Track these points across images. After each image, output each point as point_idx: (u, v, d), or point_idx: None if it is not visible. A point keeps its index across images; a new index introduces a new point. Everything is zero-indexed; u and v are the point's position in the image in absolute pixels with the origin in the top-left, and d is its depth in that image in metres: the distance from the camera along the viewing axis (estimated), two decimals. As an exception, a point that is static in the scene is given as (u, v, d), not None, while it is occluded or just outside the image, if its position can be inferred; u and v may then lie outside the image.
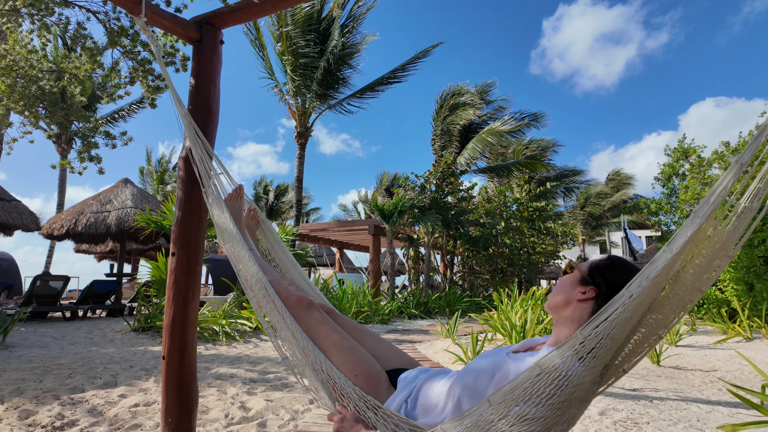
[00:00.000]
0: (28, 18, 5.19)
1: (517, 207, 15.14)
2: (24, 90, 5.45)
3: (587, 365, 0.93)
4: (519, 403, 0.92)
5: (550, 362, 0.92)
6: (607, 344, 0.93)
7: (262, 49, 14.58)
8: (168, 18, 2.36)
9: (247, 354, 5.17)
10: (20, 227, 11.53)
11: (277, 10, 2.42)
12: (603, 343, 0.93)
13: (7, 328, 5.27)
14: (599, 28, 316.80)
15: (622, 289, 1.06)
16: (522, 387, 0.92)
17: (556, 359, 0.92)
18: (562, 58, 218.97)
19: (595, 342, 0.93)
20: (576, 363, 0.93)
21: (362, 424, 1.15)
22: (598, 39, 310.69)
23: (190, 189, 2.29)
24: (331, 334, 1.38)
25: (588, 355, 0.93)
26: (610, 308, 0.93)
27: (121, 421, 2.66)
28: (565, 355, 0.93)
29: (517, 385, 0.92)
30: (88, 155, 6.03)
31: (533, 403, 0.91)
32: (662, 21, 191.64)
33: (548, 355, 0.93)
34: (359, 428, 1.14)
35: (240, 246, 1.56)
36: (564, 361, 0.92)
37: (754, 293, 7.61)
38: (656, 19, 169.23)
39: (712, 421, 2.77)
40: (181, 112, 1.99)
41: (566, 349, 0.93)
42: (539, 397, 0.91)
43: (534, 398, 0.91)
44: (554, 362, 0.92)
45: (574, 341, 0.93)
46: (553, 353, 0.93)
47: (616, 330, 0.94)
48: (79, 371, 3.90)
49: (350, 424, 1.16)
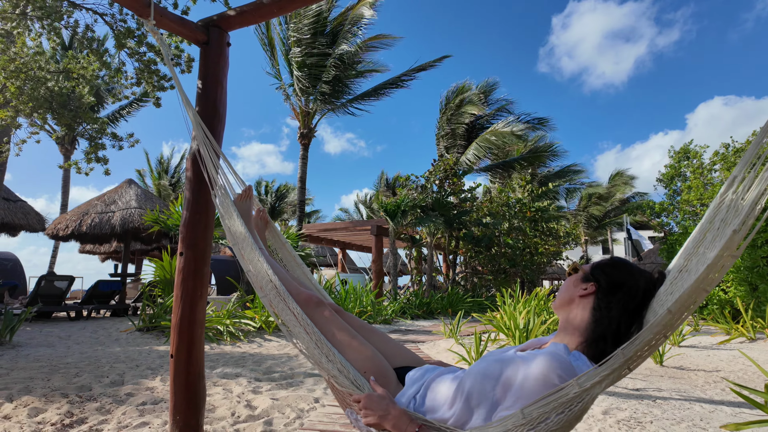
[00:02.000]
0: (37, 22, 5.24)
1: (520, 207, 15.14)
2: (33, 92, 5.49)
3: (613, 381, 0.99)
4: (551, 415, 0.95)
5: (590, 381, 0.94)
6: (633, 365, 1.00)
7: (271, 48, 14.64)
8: (176, 20, 2.39)
9: (252, 353, 5.20)
10: (25, 227, 11.60)
11: (284, 13, 2.45)
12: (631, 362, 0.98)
13: (13, 328, 5.31)
14: (609, 24, 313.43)
15: (621, 286, 1.11)
16: (558, 402, 0.94)
17: (595, 378, 0.95)
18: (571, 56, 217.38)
19: (632, 361, 0.98)
20: (609, 380, 0.97)
21: (389, 401, 1.17)
22: (607, 36, 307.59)
23: (198, 189, 2.32)
24: (340, 331, 1.41)
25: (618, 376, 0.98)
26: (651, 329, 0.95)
27: (129, 419, 2.69)
28: (603, 374, 0.95)
29: (553, 399, 0.95)
30: (95, 156, 6.07)
31: (566, 414, 0.95)
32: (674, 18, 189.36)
33: (588, 373, 0.95)
34: (386, 404, 1.16)
35: (250, 247, 1.59)
36: (602, 381, 0.95)
37: (758, 294, 7.60)
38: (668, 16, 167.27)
39: (715, 421, 2.78)
40: (189, 113, 2.02)
41: (606, 368, 0.96)
42: (571, 409, 0.95)
43: (567, 411, 0.95)
44: (593, 380, 0.94)
45: (615, 360, 0.96)
46: (592, 372, 0.95)
47: (649, 346, 0.98)
48: (86, 370, 3.94)
49: (378, 400, 1.17)
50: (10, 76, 5.35)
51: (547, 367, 0.97)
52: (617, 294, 1.12)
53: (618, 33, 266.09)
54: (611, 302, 1.12)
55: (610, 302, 1.11)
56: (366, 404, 1.17)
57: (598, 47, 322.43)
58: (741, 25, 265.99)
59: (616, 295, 1.12)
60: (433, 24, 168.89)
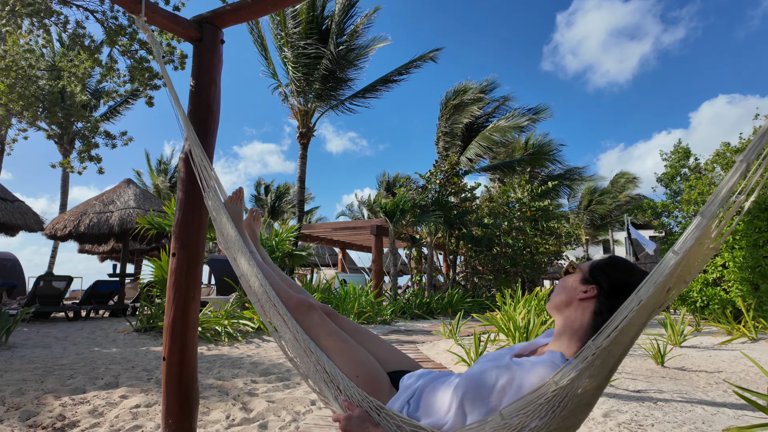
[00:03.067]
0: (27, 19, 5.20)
1: (520, 207, 15.10)
2: (23, 90, 5.45)
3: (597, 374, 0.92)
4: (535, 419, 0.91)
5: (566, 377, 0.91)
6: (617, 351, 0.92)
7: (264, 49, 14.59)
8: (168, 17, 2.35)
9: (249, 354, 5.16)
10: (24, 228, 11.56)
11: (278, 9, 2.40)
12: (613, 351, 0.91)
13: (9, 329, 5.28)
14: (614, 22, 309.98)
15: (625, 288, 1.05)
16: (537, 403, 0.91)
17: (571, 373, 0.91)
18: (575, 54, 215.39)
19: (607, 351, 0.91)
20: (587, 373, 0.91)
21: (369, 422, 1.14)
22: (612, 34, 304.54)
23: (191, 189, 2.28)
24: (332, 335, 1.37)
25: (600, 365, 0.92)
26: (619, 316, 0.91)
27: (122, 422, 2.65)
28: (579, 367, 0.91)
29: (531, 400, 0.91)
30: (87, 155, 6.03)
31: (549, 418, 0.91)
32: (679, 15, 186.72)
33: (563, 369, 0.92)
34: (366, 426, 1.13)
35: (240, 250, 1.55)
36: (580, 375, 0.91)
37: (760, 293, 7.55)
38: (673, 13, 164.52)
39: (717, 423, 2.73)
40: (180, 113, 1.98)
41: (579, 361, 0.91)
42: (554, 411, 0.91)
43: (549, 413, 0.91)
44: (570, 376, 0.91)
45: (587, 352, 0.91)
46: (567, 367, 0.92)
47: (625, 336, 0.92)
48: (81, 372, 3.90)
49: (357, 422, 1.15)
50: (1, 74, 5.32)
51: (544, 378, 0.94)
52: (621, 297, 1.06)
53: (623, 30, 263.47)
54: (614, 306, 1.06)
55: (613, 306, 1.06)
56: (345, 426, 1.16)
57: (602, 45, 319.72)
58: (747, 22, 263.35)
59: (620, 298, 1.06)
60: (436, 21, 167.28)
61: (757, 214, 7.72)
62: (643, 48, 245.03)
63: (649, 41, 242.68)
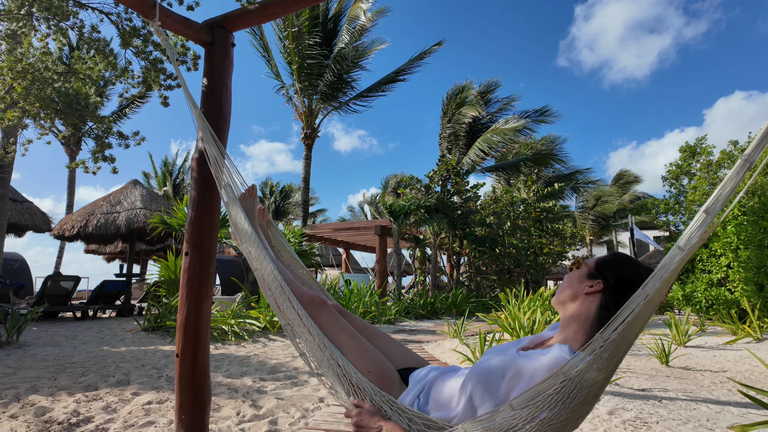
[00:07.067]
0: (44, 22, 5.27)
1: (524, 207, 15.09)
2: (39, 92, 5.53)
3: (605, 366, 0.96)
4: (545, 410, 0.94)
5: (574, 368, 0.94)
6: (623, 345, 0.96)
7: (267, 51, 14.67)
8: (180, 21, 2.40)
9: (256, 353, 5.21)
10: (32, 228, 11.68)
11: (288, 13, 2.45)
12: (621, 344, 0.95)
13: (20, 328, 5.35)
14: (634, 14, 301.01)
15: (630, 284, 1.09)
16: (546, 393, 0.94)
17: (579, 364, 0.94)
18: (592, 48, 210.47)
19: (615, 344, 0.95)
20: (595, 366, 0.95)
21: (380, 416, 1.17)
22: (631, 27, 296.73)
23: (204, 189, 2.33)
24: (344, 332, 1.41)
25: (607, 357, 0.95)
26: (626, 310, 0.95)
27: (135, 418, 2.71)
28: (587, 359, 0.94)
29: (541, 391, 0.94)
30: (102, 155, 6.11)
31: (559, 408, 0.94)
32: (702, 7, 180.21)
33: (571, 361, 0.95)
34: (377, 420, 1.17)
35: (256, 245, 1.59)
36: (588, 366, 0.94)
37: (765, 293, 7.53)
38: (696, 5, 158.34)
39: (722, 421, 2.76)
40: (195, 113, 2.03)
41: (587, 353, 0.95)
42: (564, 402, 0.94)
43: (559, 404, 0.94)
44: (578, 367, 0.94)
45: (596, 344, 0.95)
46: (576, 359, 0.95)
47: (632, 330, 0.96)
48: (92, 369, 3.96)
49: (368, 416, 1.18)
50: (17, 76, 5.39)
51: (553, 370, 0.98)
52: (627, 292, 1.09)
53: (643, 23, 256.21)
54: (620, 301, 1.09)
55: (619, 300, 1.09)
56: (357, 422, 1.19)
57: (620, 39, 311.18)
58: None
59: (626, 293, 1.09)
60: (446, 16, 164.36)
61: (762, 214, 7.70)
62: (663, 42, 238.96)
63: (669, 35, 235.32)
